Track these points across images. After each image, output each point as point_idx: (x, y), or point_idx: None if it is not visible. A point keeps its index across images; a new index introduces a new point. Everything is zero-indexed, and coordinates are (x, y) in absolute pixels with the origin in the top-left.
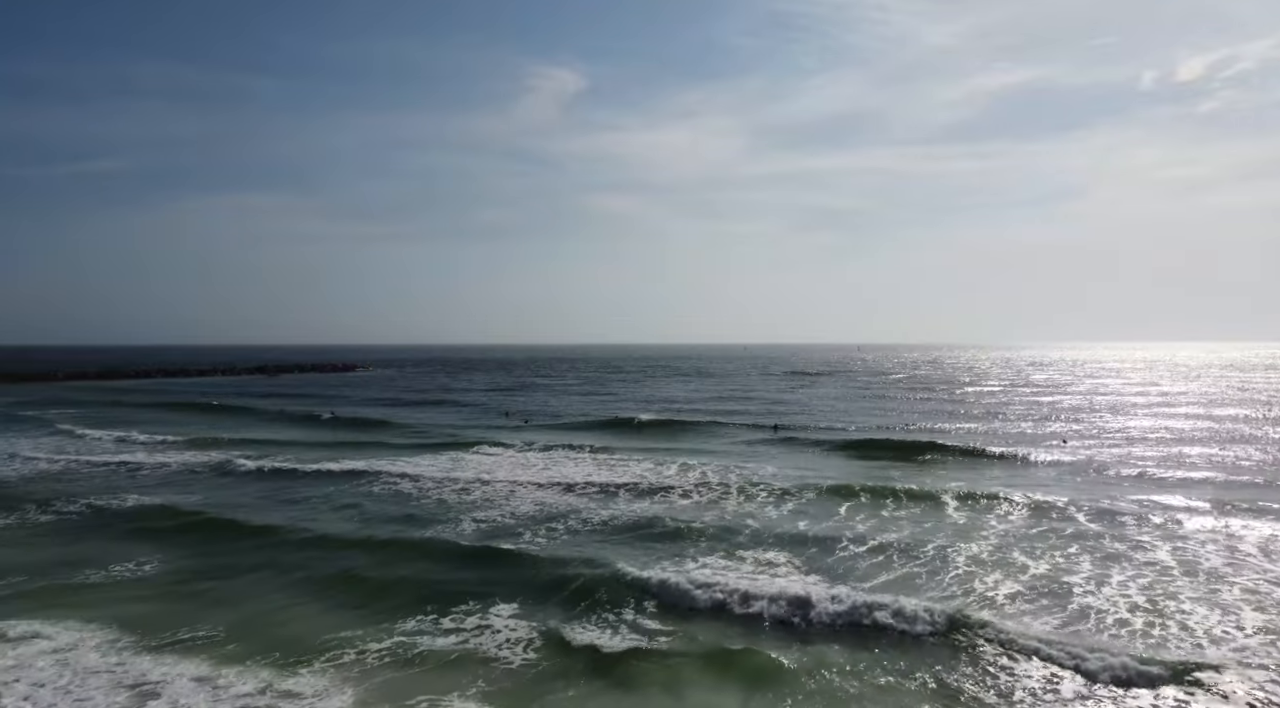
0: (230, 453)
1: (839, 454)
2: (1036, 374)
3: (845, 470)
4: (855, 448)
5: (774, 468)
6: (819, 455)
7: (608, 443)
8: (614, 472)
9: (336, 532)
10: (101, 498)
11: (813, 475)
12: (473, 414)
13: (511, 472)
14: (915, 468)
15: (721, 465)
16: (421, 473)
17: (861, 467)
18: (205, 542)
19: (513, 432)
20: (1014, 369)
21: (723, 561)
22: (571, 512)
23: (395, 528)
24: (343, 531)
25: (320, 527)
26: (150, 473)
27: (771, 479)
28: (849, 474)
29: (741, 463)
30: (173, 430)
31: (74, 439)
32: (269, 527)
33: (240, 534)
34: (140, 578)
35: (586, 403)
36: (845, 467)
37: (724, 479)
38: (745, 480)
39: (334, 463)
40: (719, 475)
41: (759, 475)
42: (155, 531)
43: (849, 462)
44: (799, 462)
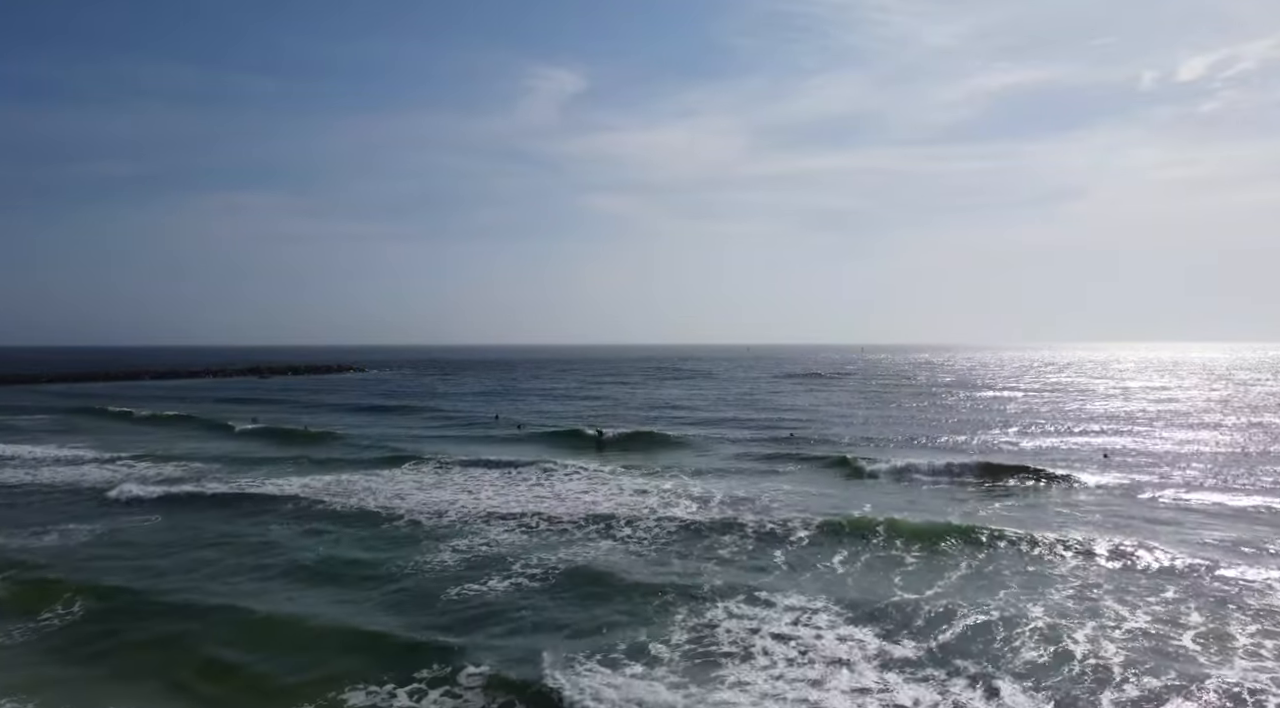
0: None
1: (865, 476)
2: (1054, 376)
3: (876, 497)
4: (880, 464)
5: (789, 487)
6: (841, 478)
7: (594, 456)
8: (582, 496)
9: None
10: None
11: (833, 501)
12: (439, 423)
13: (455, 494)
14: (954, 494)
15: (727, 488)
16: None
17: (897, 493)
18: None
19: (482, 443)
20: (1031, 372)
21: (697, 657)
22: (495, 560)
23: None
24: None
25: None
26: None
27: (785, 508)
28: (884, 505)
29: (750, 484)
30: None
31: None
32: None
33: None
34: None
35: (579, 407)
36: (875, 493)
37: (726, 514)
38: (759, 508)
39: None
40: (724, 505)
41: (770, 500)
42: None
43: (879, 487)
44: (819, 484)
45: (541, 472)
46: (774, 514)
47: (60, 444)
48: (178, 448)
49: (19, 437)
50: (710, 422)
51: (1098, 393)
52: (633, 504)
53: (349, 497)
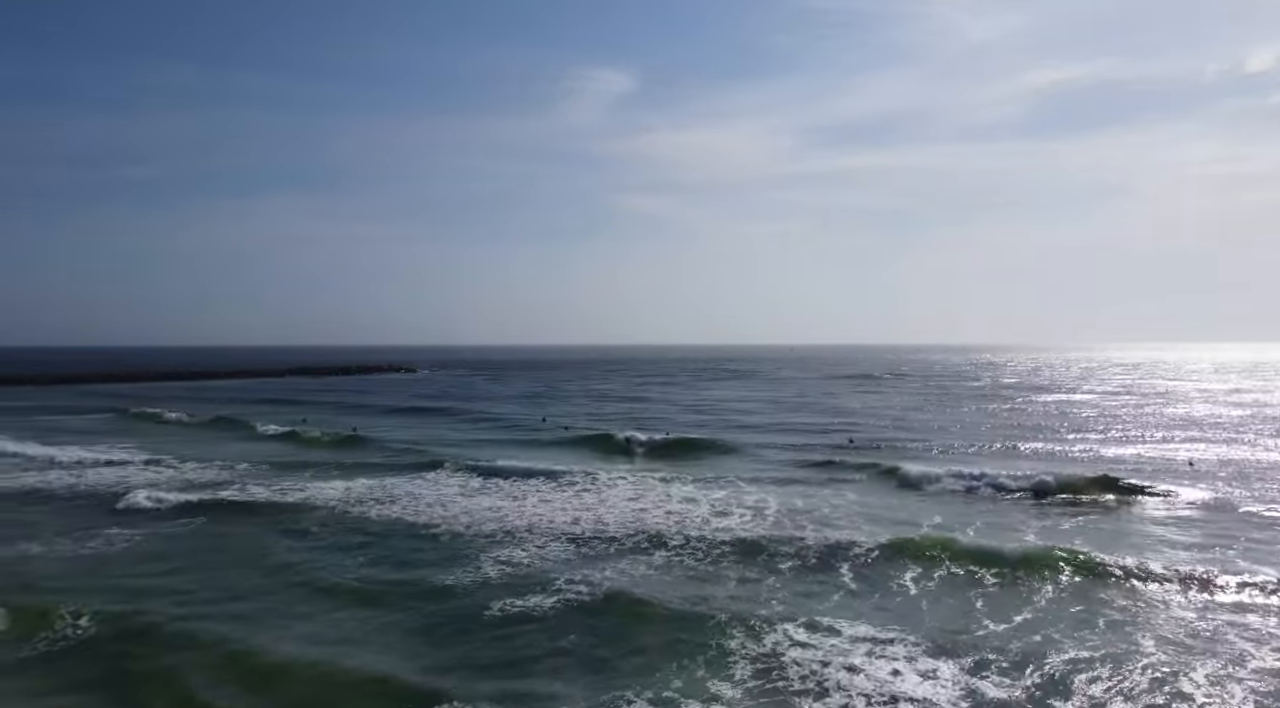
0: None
1: (931, 487)
2: (1122, 378)
3: (946, 512)
4: (948, 475)
5: (850, 498)
6: (905, 490)
7: (646, 462)
8: (629, 504)
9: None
10: None
11: (898, 515)
12: (486, 425)
13: (498, 501)
14: (1030, 509)
15: (783, 498)
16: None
17: (967, 507)
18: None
19: (527, 447)
20: (1098, 374)
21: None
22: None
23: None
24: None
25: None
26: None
27: (847, 522)
28: (955, 520)
29: (808, 493)
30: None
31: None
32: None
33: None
34: None
35: (626, 409)
36: (944, 507)
37: (783, 528)
38: (817, 521)
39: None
40: (780, 516)
41: (830, 512)
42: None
43: (948, 499)
44: (881, 495)
45: (587, 478)
46: (834, 528)
47: (98, 446)
48: (211, 450)
49: (58, 438)
50: (762, 426)
51: (1175, 396)
52: (683, 514)
53: (387, 504)
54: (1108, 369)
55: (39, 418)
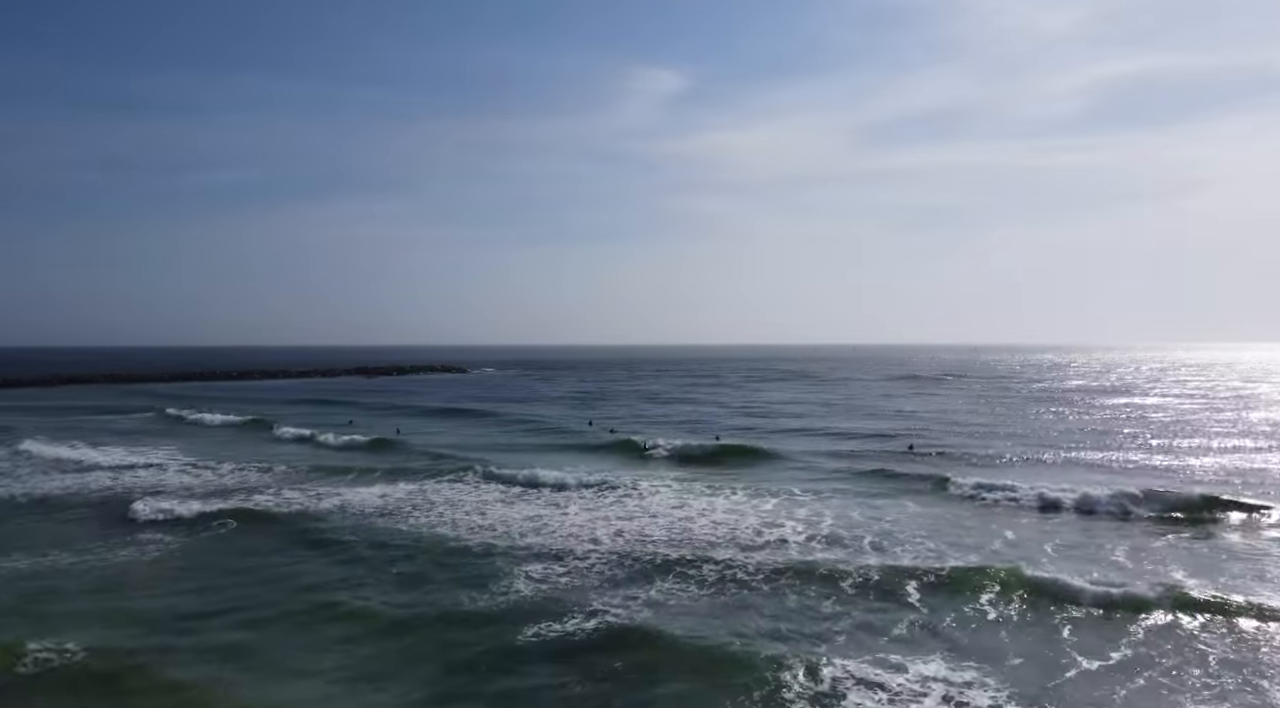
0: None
1: (1004, 504)
2: (1197, 379)
3: (1023, 533)
4: (1022, 490)
5: (913, 512)
6: (974, 505)
7: (687, 470)
8: (673, 512)
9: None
10: None
11: (969, 535)
12: (531, 428)
13: (538, 510)
14: (1118, 529)
15: (839, 512)
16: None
17: (1045, 527)
18: None
19: (572, 452)
20: (1170, 374)
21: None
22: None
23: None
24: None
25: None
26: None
27: (911, 541)
28: (1033, 543)
29: (866, 507)
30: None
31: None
32: None
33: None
34: None
35: (677, 412)
36: (1020, 526)
37: (839, 546)
38: (877, 538)
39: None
40: (836, 533)
41: (891, 528)
42: None
43: (1024, 518)
44: (948, 510)
45: (632, 485)
46: (896, 547)
47: (137, 447)
48: (251, 452)
49: (98, 438)
50: (816, 431)
51: (1258, 400)
52: (731, 526)
53: (424, 511)
54: (1178, 370)
55: (87, 418)
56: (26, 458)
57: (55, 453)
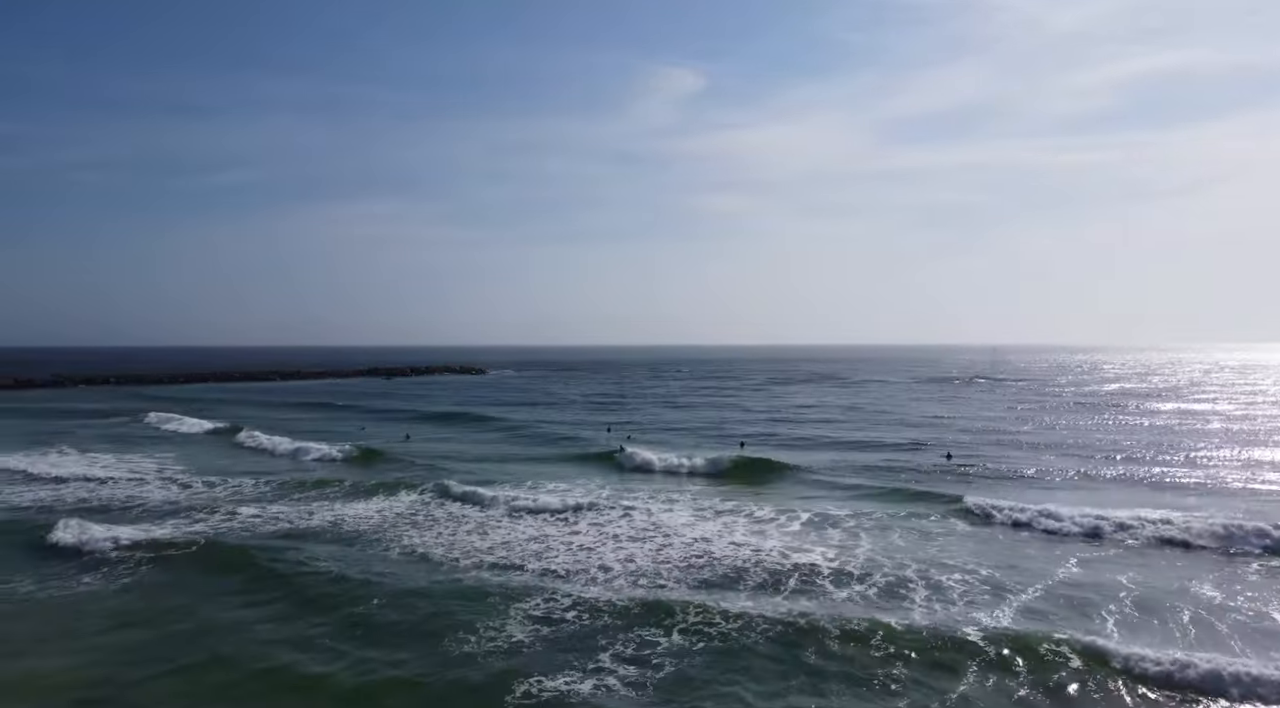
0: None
1: (1065, 534)
2: (1242, 382)
3: (1098, 574)
4: (1086, 515)
5: (967, 547)
6: (1027, 534)
7: (708, 484)
8: (686, 532)
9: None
10: None
11: (1032, 576)
12: (542, 436)
13: (540, 530)
14: (1227, 569)
15: (875, 540)
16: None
17: (1120, 565)
18: None
19: (584, 463)
20: (1212, 377)
21: None
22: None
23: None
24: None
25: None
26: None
27: (962, 584)
28: (1112, 589)
29: (905, 534)
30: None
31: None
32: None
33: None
34: None
35: (697, 417)
36: (1089, 563)
37: (874, 585)
38: (919, 577)
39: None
40: (870, 568)
41: (936, 559)
42: None
43: (1090, 552)
44: (998, 539)
45: (647, 501)
46: (947, 594)
47: (91, 459)
48: (215, 465)
49: (62, 445)
50: (845, 441)
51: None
52: (754, 552)
53: (405, 537)
54: (1220, 372)
55: (66, 423)
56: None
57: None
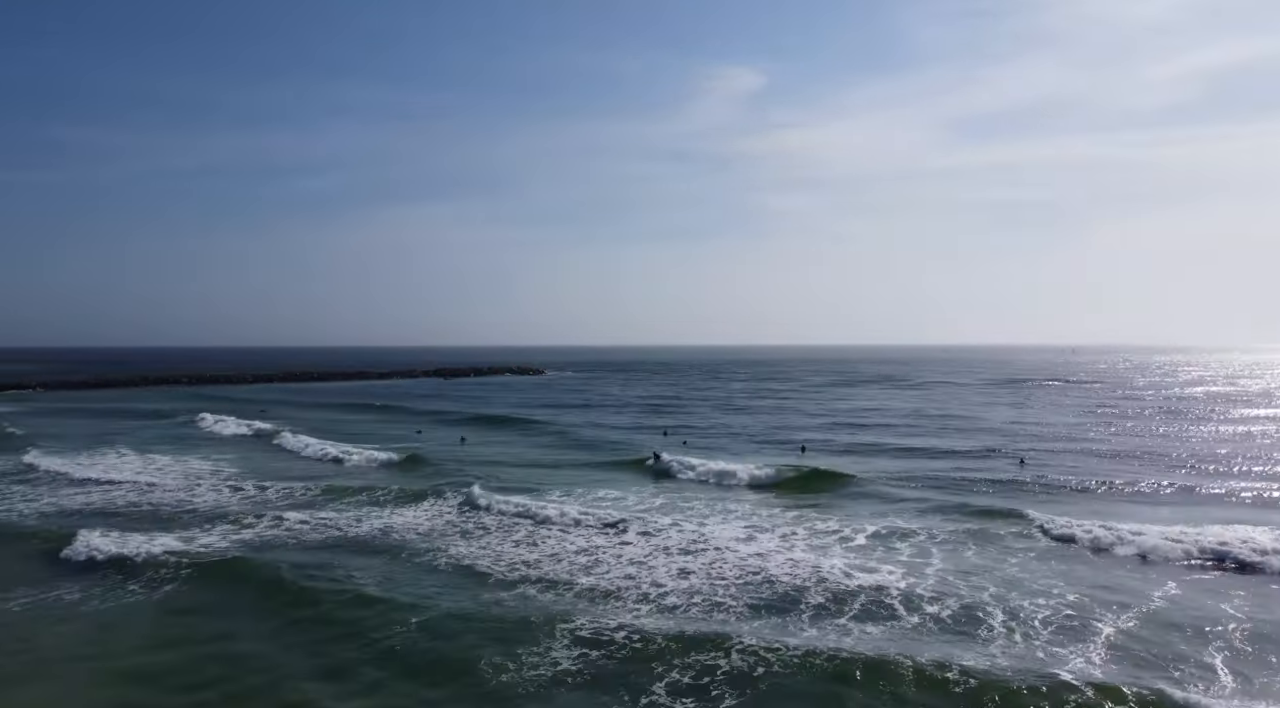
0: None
1: (1168, 559)
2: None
3: (1216, 607)
4: (1188, 538)
5: (1042, 548)
6: (1118, 557)
7: (766, 494)
8: (739, 548)
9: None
10: None
11: (1139, 614)
12: (590, 441)
13: (587, 541)
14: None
15: (945, 560)
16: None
17: (1240, 601)
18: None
19: (635, 471)
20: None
21: None
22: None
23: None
24: None
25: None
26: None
27: (1044, 615)
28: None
29: (979, 554)
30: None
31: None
32: None
33: None
34: None
35: (753, 422)
36: (1203, 594)
37: (945, 611)
38: (995, 604)
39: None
40: (941, 591)
41: (1011, 579)
42: None
43: (1202, 584)
44: (1084, 565)
45: (702, 512)
46: (1028, 624)
47: (143, 460)
48: (256, 470)
49: (117, 447)
50: (910, 449)
51: None
52: (814, 570)
53: (470, 540)
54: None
55: (124, 423)
56: (28, 472)
57: (55, 466)
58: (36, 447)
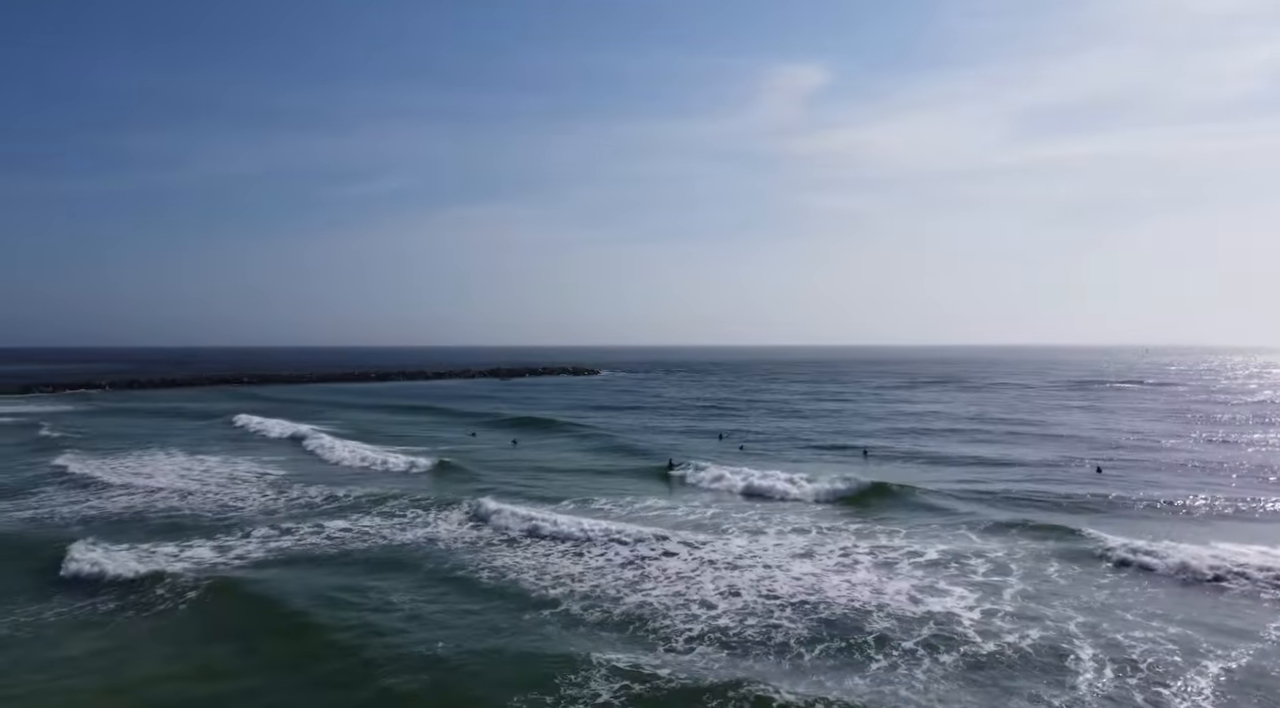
0: None
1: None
2: None
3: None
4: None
5: (1129, 594)
6: (1222, 588)
7: (824, 506)
8: (794, 565)
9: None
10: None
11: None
12: (642, 445)
13: (632, 554)
14: None
15: (1022, 582)
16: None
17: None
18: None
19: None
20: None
21: None
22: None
23: None
24: None
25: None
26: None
27: (1153, 656)
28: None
29: (1063, 576)
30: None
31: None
32: None
33: None
34: None
35: (812, 427)
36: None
37: (1027, 640)
38: (1086, 636)
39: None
40: (1027, 611)
41: (1100, 610)
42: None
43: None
44: (1211, 609)
45: (755, 524)
46: (1122, 661)
47: (181, 463)
48: (313, 472)
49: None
50: (975, 458)
51: None
52: (875, 592)
53: (501, 556)
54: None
55: (177, 422)
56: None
57: (86, 470)
58: (73, 449)
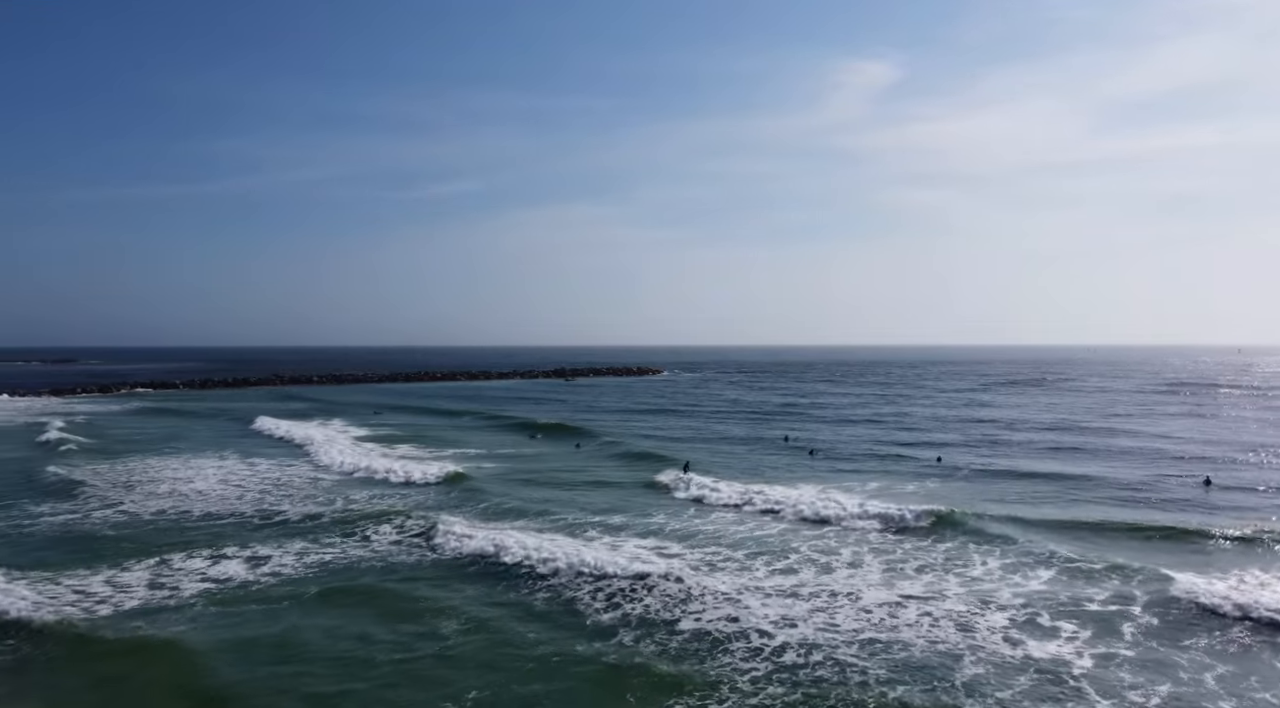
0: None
1: None
2: None
3: None
4: None
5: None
6: None
7: (895, 531)
8: (864, 598)
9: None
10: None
11: None
12: (698, 446)
13: (694, 578)
14: None
15: (1155, 636)
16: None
17: None
18: None
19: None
20: None
21: None
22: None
23: None
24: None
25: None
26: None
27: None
28: None
29: (1190, 591)
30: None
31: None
32: None
33: None
34: None
35: (881, 434)
36: None
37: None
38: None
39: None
40: (1152, 658)
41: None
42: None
43: None
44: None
45: (813, 551)
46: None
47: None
48: (366, 478)
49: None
50: (1075, 478)
51: None
52: (961, 645)
53: (539, 571)
54: None
55: (242, 424)
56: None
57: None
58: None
